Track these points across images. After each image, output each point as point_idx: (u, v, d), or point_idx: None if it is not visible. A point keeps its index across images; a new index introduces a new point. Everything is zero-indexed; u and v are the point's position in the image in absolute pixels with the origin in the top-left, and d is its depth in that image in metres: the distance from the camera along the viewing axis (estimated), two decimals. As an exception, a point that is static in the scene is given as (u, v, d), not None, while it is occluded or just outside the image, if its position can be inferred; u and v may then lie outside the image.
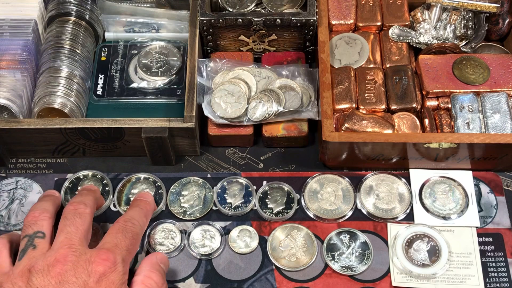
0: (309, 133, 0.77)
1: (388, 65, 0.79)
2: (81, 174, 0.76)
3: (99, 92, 0.80)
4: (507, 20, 0.81)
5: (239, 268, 0.71)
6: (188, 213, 0.74)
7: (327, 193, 0.75)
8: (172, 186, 0.75)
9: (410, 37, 0.81)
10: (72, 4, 0.82)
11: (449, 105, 0.75)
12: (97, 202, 0.69)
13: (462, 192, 0.74)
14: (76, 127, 0.72)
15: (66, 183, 0.75)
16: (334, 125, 0.73)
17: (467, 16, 0.81)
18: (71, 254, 0.57)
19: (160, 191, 0.75)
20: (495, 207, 0.74)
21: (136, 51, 0.83)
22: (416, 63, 0.78)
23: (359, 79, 0.77)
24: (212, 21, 0.79)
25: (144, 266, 0.62)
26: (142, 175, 0.76)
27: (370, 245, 0.71)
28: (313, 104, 0.77)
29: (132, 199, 0.74)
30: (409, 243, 0.71)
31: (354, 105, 0.75)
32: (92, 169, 0.77)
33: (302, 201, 0.74)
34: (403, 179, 0.75)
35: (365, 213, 0.74)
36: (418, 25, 0.81)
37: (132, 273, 0.61)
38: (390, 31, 0.81)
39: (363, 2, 0.83)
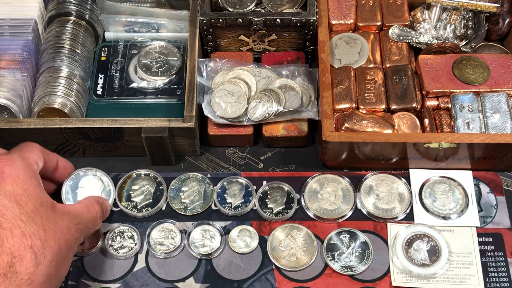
0: (309, 133, 0.77)
1: (388, 65, 0.79)
2: (81, 174, 0.76)
3: (99, 92, 0.80)
4: (507, 20, 0.81)
5: (239, 268, 0.71)
6: (189, 208, 0.74)
7: (327, 193, 0.75)
8: (172, 183, 0.76)
9: (410, 37, 0.81)
10: (72, 4, 0.82)
11: (449, 105, 0.75)
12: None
13: (462, 192, 0.74)
14: (76, 127, 0.72)
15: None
16: (334, 125, 0.73)
17: (467, 16, 0.81)
18: None
19: (161, 187, 0.75)
20: (495, 207, 0.74)
21: (136, 51, 0.82)
22: (416, 63, 0.78)
23: (359, 79, 0.77)
24: (212, 21, 0.79)
25: (91, 197, 0.67)
26: (142, 171, 0.76)
27: (370, 245, 0.71)
28: (313, 104, 0.77)
29: (132, 195, 0.74)
30: (409, 243, 0.71)
31: (354, 105, 0.75)
32: (92, 169, 0.77)
33: (302, 201, 0.74)
34: (403, 179, 0.75)
35: (365, 213, 0.74)
36: (418, 25, 0.81)
37: None
38: (390, 31, 0.81)
39: (363, 2, 0.83)
